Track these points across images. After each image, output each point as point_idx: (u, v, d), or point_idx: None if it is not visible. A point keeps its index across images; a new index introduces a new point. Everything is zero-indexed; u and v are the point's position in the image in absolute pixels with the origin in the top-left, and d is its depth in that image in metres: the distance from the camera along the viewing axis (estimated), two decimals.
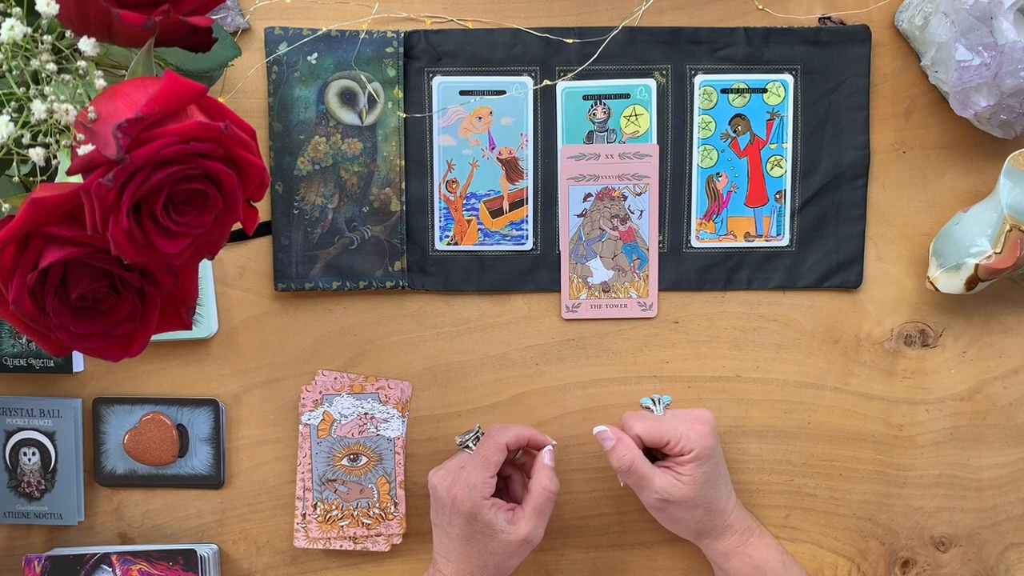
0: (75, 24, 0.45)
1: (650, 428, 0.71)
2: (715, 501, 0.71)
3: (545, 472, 0.71)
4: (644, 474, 0.70)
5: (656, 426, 0.71)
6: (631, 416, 0.73)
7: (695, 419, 0.72)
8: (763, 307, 0.78)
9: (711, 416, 0.73)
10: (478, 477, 0.69)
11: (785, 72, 0.76)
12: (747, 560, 0.72)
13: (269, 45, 0.74)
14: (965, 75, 0.69)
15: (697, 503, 0.71)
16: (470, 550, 0.70)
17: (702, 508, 0.71)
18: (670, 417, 0.72)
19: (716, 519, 0.72)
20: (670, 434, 0.70)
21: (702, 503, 0.71)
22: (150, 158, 0.43)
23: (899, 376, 0.79)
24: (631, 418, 0.73)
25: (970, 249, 0.73)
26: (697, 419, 0.72)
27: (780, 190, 0.77)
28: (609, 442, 0.71)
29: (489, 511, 0.69)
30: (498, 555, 0.70)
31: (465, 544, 0.70)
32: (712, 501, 0.71)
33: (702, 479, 0.70)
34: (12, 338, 0.76)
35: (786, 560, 0.73)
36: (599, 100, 0.76)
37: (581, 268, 0.77)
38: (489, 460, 0.70)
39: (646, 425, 0.71)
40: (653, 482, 0.70)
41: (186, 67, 0.54)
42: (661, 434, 0.71)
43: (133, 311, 0.50)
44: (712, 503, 0.71)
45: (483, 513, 0.69)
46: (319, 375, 0.78)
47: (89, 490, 0.79)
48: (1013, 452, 0.79)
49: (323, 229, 0.76)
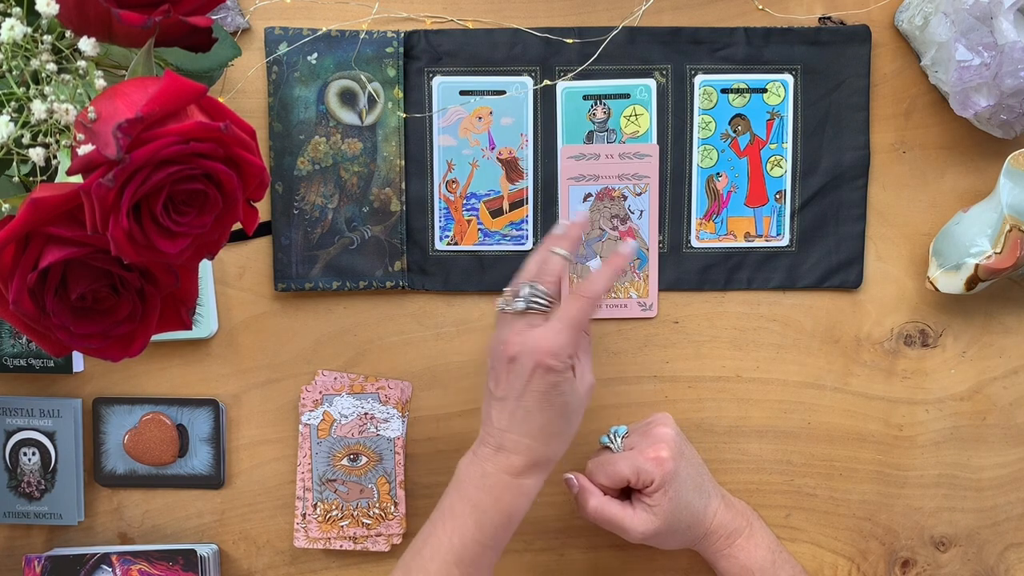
0: (75, 24, 0.45)
1: (608, 473, 0.70)
2: (692, 515, 0.71)
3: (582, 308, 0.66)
4: (613, 518, 0.70)
5: (612, 470, 0.70)
6: (592, 462, 0.72)
7: (652, 442, 0.70)
8: (763, 307, 0.78)
9: (670, 426, 0.71)
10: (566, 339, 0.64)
11: (785, 72, 0.76)
12: (734, 562, 0.72)
13: (269, 45, 0.74)
14: (965, 75, 0.69)
15: (675, 526, 0.70)
16: (552, 418, 0.65)
17: (682, 525, 0.71)
18: (626, 453, 0.71)
19: (697, 529, 0.72)
20: (627, 472, 0.69)
21: (680, 523, 0.70)
22: (150, 158, 0.43)
23: (899, 376, 0.79)
24: (592, 464, 0.72)
25: (970, 249, 0.73)
26: (654, 442, 0.70)
27: (780, 190, 0.77)
28: (575, 490, 0.71)
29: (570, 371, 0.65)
30: (575, 415, 0.66)
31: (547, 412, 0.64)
32: (689, 517, 0.71)
33: (672, 504, 0.69)
34: (12, 338, 0.76)
35: (777, 559, 0.73)
36: (599, 100, 0.76)
37: (581, 268, 0.77)
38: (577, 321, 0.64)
39: (604, 471, 0.71)
40: (624, 523, 0.70)
41: (186, 67, 0.54)
42: (619, 476, 0.70)
43: (133, 311, 0.50)
44: (689, 518, 0.71)
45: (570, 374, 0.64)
46: (319, 375, 0.78)
47: (89, 490, 0.79)
48: (1013, 452, 0.79)
49: (323, 229, 0.76)
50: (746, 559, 0.72)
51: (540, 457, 0.66)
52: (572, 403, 0.66)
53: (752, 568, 0.72)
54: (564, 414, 0.65)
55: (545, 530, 0.79)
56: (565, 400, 0.65)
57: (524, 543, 0.79)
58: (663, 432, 0.71)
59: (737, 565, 0.72)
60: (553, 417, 0.65)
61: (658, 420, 0.72)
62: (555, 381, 0.64)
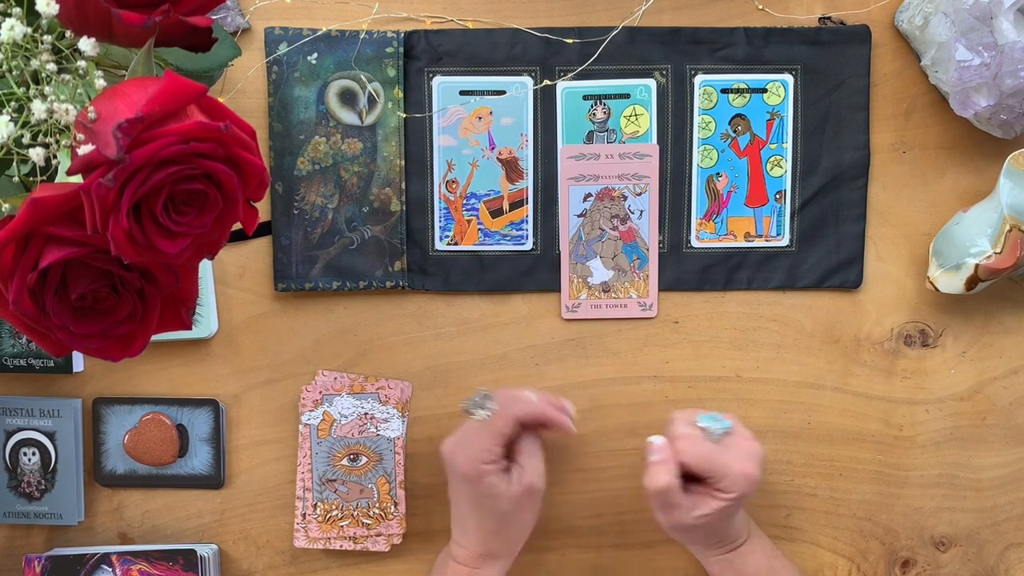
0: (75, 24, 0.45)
1: (700, 458, 0.67)
2: (724, 531, 0.70)
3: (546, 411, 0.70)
4: (671, 503, 0.67)
5: (707, 457, 0.67)
6: (683, 437, 0.68)
7: (747, 457, 0.68)
8: (763, 307, 0.78)
9: (762, 453, 0.69)
10: (480, 446, 0.68)
11: (785, 72, 0.76)
12: (728, 566, 0.72)
13: (269, 45, 0.74)
14: (965, 75, 0.69)
15: (710, 532, 0.70)
16: (482, 515, 0.70)
17: (707, 532, 0.70)
18: (724, 452, 0.68)
19: (713, 538, 0.71)
20: (719, 471, 0.66)
21: (713, 534, 0.70)
22: (150, 158, 0.43)
23: (899, 376, 0.79)
24: (683, 439, 0.68)
25: (970, 249, 0.73)
26: (749, 457, 0.68)
27: (780, 190, 0.77)
28: (654, 456, 0.68)
29: (490, 476, 0.68)
30: (510, 514, 0.69)
31: (476, 511, 0.70)
32: (722, 531, 0.70)
33: (724, 515, 0.68)
34: (12, 338, 0.76)
35: (775, 565, 0.72)
36: (599, 100, 0.76)
37: (581, 268, 0.77)
38: (497, 432, 0.69)
39: (698, 453, 0.67)
40: (676, 512, 0.68)
41: (186, 67, 0.54)
42: (710, 468, 0.67)
43: (133, 311, 0.50)
44: (721, 532, 0.70)
45: (485, 478, 0.68)
46: (319, 375, 0.78)
47: (89, 490, 0.79)
48: (1013, 452, 0.79)
49: (323, 229, 0.76)
50: (742, 564, 0.71)
51: (483, 551, 0.71)
52: (501, 506, 0.69)
53: (746, 572, 0.71)
54: (495, 516, 0.69)
55: (545, 530, 0.79)
56: (492, 503, 0.69)
57: (524, 543, 0.79)
58: (756, 448, 0.69)
59: (732, 569, 0.71)
60: (484, 518, 0.70)
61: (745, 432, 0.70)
62: (474, 485, 0.68)
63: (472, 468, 0.68)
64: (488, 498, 0.69)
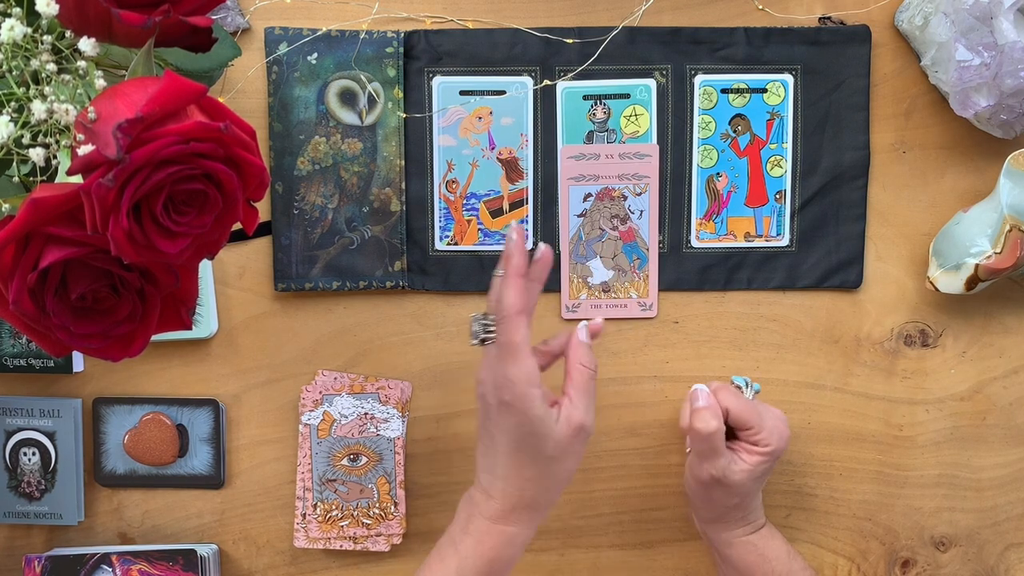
0: (75, 24, 0.45)
1: (742, 408, 0.69)
2: (753, 495, 0.71)
3: (580, 349, 0.63)
4: (716, 448, 0.68)
5: (748, 408, 0.69)
6: (724, 388, 0.70)
7: (778, 417, 0.70)
8: (763, 307, 0.78)
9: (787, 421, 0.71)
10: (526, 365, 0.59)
11: (785, 72, 0.76)
12: (751, 548, 0.72)
13: (269, 45, 0.74)
14: (965, 75, 0.69)
15: (742, 492, 0.70)
16: (522, 459, 0.60)
17: (739, 496, 0.70)
18: (758, 404, 0.70)
19: (741, 511, 0.71)
20: (757, 422, 0.68)
21: (745, 494, 0.70)
22: (150, 158, 0.43)
23: (899, 376, 0.79)
24: (724, 390, 0.70)
25: (970, 249, 0.73)
26: (779, 418, 0.70)
27: (780, 190, 0.77)
28: (701, 401, 0.68)
29: (540, 406, 0.59)
30: (555, 459, 0.61)
31: (516, 453, 0.60)
32: (752, 494, 0.71)
33: (759, 473, 0.69)
34: (12, 338, 0.76)
35: (791, 552, 0.73)
36: (599, 100, 0.76)
37: (581, 268, 0.77)
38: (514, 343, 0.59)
39: (740, 403, 0.69)
40: (719, 460, 0.68)
41: (186, 67, 0.54)
42: (749, 418, 0.68)
43: (133, 311, 0.50)
44: (750, 495, 0.71)
45: (534, 409, 0.59)
46: (319, 375, 0.78)
47: (89, 490, 0.79)
48: (1013, 452, 0.79)
49: (323, 229, 0.76)
50: (764, 547, 0.72)
51: (517, 503, 0.62)
52: (543, 445, 0.60)
53: (769, 556, 0.72)
54: (535, 456, 0.61)
55: (545, 530, 0.79)
56: (534, 441, 0.60)
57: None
58: (782, 415, 0.71)
59: (755, 552, 0.72)
60: (523, 459, 0.61)
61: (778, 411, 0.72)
62: (516, 417, 0.59)
63: (517, 393, 0.58)
64: (532, 436, 0.59)
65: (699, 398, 0.68)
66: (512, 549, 0.63)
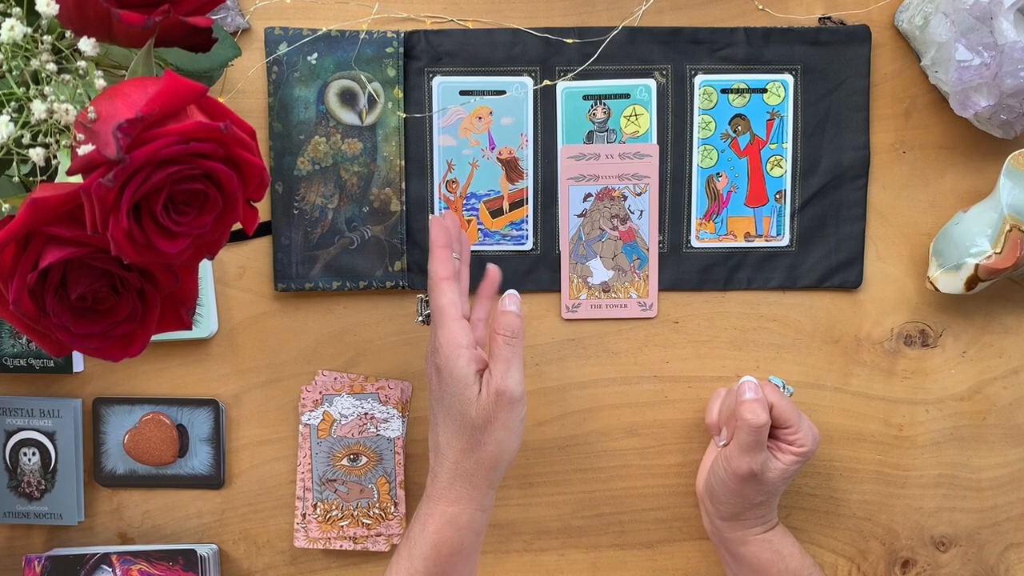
0: (75, 24, 0.45)
1: (784, 405, 0.70)
2: (777, 494, 0.72)
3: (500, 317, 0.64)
4: (761, 442, 0.69)
5: (789, 407, 0.70)
6: (766, 384, 0.72)
7: (807, 421, 0.71)
8: (763, 307, 0.78)
9: None
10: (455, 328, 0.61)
11: (785, 72, 0.76)
12: (766, 545, 0.72)
13: (269, 45, 0.74)
14: (965, 75, 0.69)
15: (771, 491, 0.71)
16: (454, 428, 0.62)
17: (767, 495, 0.71)
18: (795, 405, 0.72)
19: (762, 509, 0.72)
20: (796, 421, 0.70)
21: (773, 492, 0.71)
22: (150, 158, 0.43)
23: (899, 376, 0.79)
24: (767, 385, 0.71)
25: (970, 249, 0.73)
26: (808, 422, 0.71)
27: (780, 190, 0.77)
28: (751, 393, 0.69)
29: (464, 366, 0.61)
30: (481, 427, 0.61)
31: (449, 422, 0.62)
32: (777, 493, 0.72)
33: (790, 474, 0.70)
34: (12, 338, 0.76)
35: (803, 550, 0.74)
36: (599, 100, 0.76)
37: (581, 268, 0.77)
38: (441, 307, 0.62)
39: (782, 401, 0.70)
40: (760, 454, 0.69)
41: (186, 67, 0.54)
42: (790, 416, 0.70)
43: (133, 311, 0.50)
44: (776, 495, 0.72)
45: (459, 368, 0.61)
46: (319, 375, 0.78)
47: (89, 490, 0.79)
48: (1013, 452, 0.79)
49: (323, 229, 0.76)
50: (779, 544, 0.72)
51: (454, 476, 0.62)
52: (468, 411, 0.61)
53: (784, 552, 0.72)
54: (462, 423, 0.62)
55: (545, 530, 0.79)
56: (460, 407, 0.61)
57: (524, 543, 0.79)
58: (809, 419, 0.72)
59: (770, 549, 0.72)
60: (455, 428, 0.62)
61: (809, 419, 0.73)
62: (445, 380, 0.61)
63: (445, 354, 0.61)
64: (459, 400, 0.61)
65: (749, 390, 0.70)
66: (456, 531, 0.62)
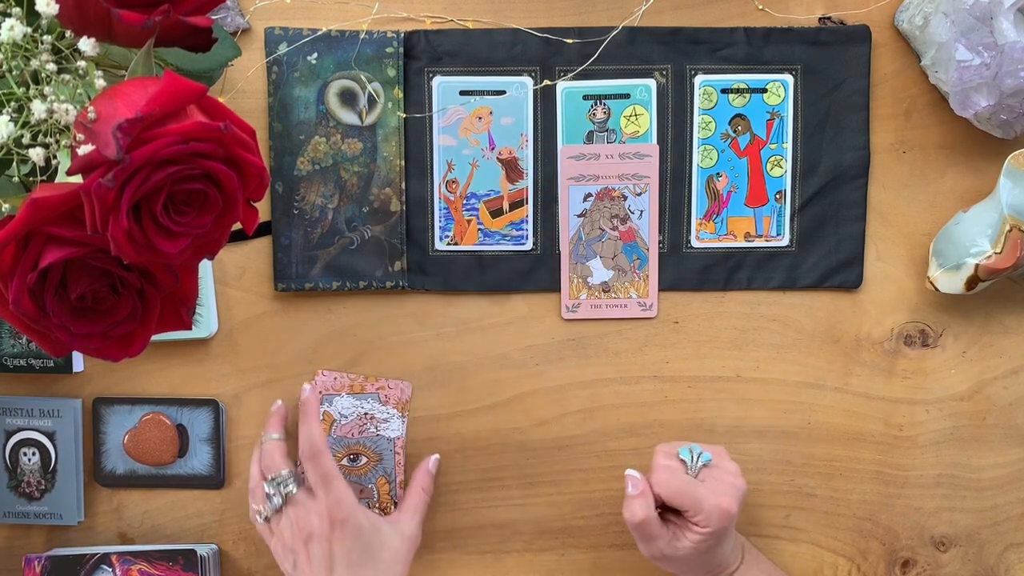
0: (75, 24, 0.45)
1: (675, 492, 0.68)
2: (712, 560, 0.70)
3: (427, 476, 0.76)
4: (650, 535, 0.69)
5: (683, 491, 0.68)
6: (664, 470, 0.69)
7: (725, 491, 0.68)
8: (763, 307, 0.78)
9: (743, 489, 0.69)
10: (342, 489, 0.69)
11: (785, 72, 0.76)
12: None
13: (269, 45, 0.74)
14: (965, 75, 0.69)
15: (694, 565, 0.70)
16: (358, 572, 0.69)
17: (693, 563, 0.70)
18: (700, 484, 0.68)
19: (707, 566, 0.71)
20: (694, 505, 0.67)
21: (700, 564, 0.70)
22: (150, 158, 0.43)
23: (899, 376, 0.79)
24: (663, 472, 0.69)
25: (970, 249, 0.73)
26: (727, 491, 0.68)
27: (780, 190, 0.77)
28: (631, 489, 0.69)
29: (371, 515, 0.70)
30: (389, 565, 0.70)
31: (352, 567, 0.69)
32: (709, 561, 0.70)
33: (705, 548, 0.68)
34: (12, 338, 0.76)
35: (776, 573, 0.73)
36: (599, 100, 0.76)
37: (581, 268, 0.77)
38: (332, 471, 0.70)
39: (673, 488, 0.68)
40: (656, 543, 0.69)
41: (186, 67, 0.54)
42: (683, 502, 0.68)
43: (133, 311, 0.50)
44: (708, 562, 0.70)
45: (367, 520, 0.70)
46: (319, 375, 0.78)
47: (89, 490, 0.79)
48: (1013, 452, 0.79)
49: (323, 229, 0.76)
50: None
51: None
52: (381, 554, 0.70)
53: None
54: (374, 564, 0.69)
55: (545, 530, 0.79)
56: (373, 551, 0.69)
57: (524, 543, 0.79)
58: (738, 484, 0.69)
59: None
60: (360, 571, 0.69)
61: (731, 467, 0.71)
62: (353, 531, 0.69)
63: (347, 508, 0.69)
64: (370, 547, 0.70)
65: (631, 485, 0.69)
66: None
